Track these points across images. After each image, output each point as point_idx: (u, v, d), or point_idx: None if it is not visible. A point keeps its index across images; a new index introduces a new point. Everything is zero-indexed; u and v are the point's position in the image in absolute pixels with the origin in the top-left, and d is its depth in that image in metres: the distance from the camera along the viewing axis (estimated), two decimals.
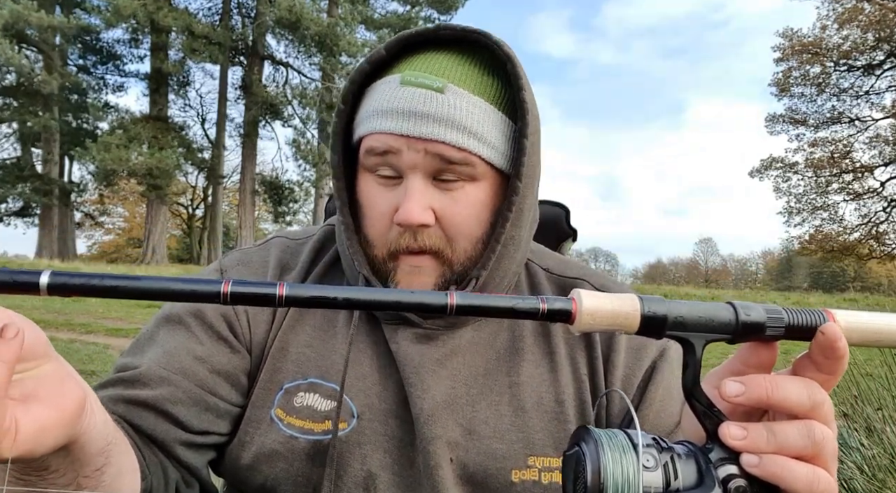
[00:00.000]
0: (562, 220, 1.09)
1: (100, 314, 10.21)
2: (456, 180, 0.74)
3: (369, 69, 0.77)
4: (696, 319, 0.46)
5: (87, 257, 31.45)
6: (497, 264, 0.77)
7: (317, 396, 0.77)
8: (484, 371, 0.80)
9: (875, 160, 24.39)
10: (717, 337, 0.47)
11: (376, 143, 0.73)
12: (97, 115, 25.08)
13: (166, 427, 0.73)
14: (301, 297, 0.43)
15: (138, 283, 0.42)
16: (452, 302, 0.43)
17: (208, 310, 0.80)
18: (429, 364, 0.78)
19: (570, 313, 0.45)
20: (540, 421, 0.78)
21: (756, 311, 0.47)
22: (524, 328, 0.83)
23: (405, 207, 0.72)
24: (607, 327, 0.46)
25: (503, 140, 0.75)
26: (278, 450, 0.76)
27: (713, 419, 0.47)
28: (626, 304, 0.46)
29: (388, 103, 0.72)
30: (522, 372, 0.80)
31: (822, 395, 0.47)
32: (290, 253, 0.87)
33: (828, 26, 23.43)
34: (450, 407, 0.77)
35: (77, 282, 0.42)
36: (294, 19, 22.03)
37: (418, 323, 0.78)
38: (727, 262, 59.62)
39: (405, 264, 0.75)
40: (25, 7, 20.56)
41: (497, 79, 0.76)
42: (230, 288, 0.42)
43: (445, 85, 0.72)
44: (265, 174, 28.65)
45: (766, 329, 0.46)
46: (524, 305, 0.45)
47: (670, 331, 0.46)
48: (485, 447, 0.76)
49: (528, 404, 0.78)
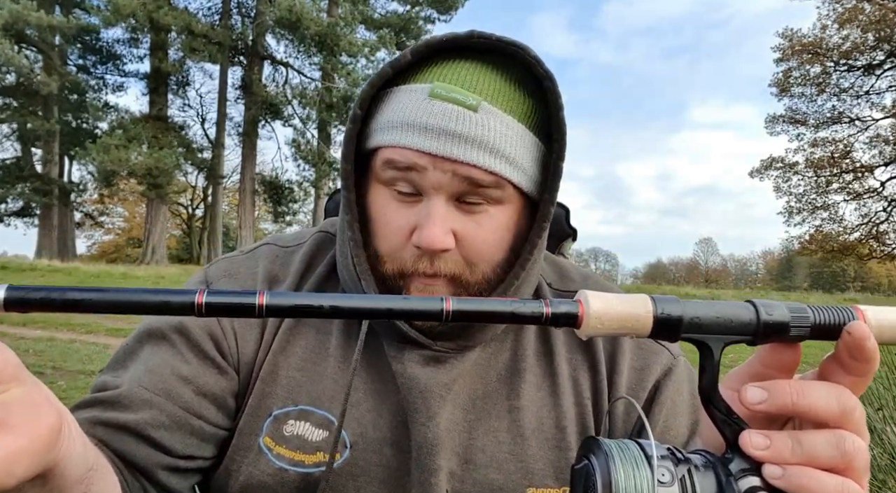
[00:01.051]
0: (562, 220, 1.08)
1: (100, 314, 10.19)
2: (480, 203, 0.69)
3: (393, 75, 0.71)
4: (714, 319, 0.43)
5: (86, 257, 31.45)
6: (517, 289, 0.73)
7: (308, 424, 0.72)
8: (483, 394, 0.75)
9: (875, 160, 24.38)
10: (736, 339, 0.43)
11: (399, 157, 0.68)
12: (97, 115, 25.03)
13: (148, 452, 0.69)
14: (283, 306, 0.39)
15: (104, 295, 0.39)
16: (448, 308, 0.40)
17: (194, 327, 0.74)
18: (436, 389, 0.72)
19: (576, 316, 0.42)
20: (540, 449, 0.74)
21: (779, 310, 0.43)
22: (526, 347, 0.78)
23: (428, 231, 0.66)
24: (617, 330, 0.42)
25: (532, 164, 0.71)
26: (267, 483, 0.71)
27: (733, 426, 0.44)
28: (638, 305, 0.42)
29: (414, 116, 0.67)
30: (523, 395, 0.76)
31: (853, 401, 0.43)
32: (280, 263, 0.81)
33: (828, 26, 23.43)
34: (448, 435, 0.72)
35: (37, 296, 0.38)
36: (294, 19, 22.01)
37: (427, 345, 0.73)
38: (727, 262, 59.62)
39: (418, 283, 0.70)
40: (25, 7, 20.54)
41: (529, 97, 0.71)
42: (205, 298, 0.38)
43: (479, 103, 0.67)
44: (265, 174, 28.63)
45: (791, 329, 0.43)
46: (526, 309, 0.41)
47: (686, 333, 0.43)
48: (482, 478, 0.72)
49: (527, 431, 0.74)
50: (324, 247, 0.83)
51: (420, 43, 0.71)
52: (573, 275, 0.87)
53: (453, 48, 0.71)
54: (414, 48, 0.71)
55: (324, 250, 0.83)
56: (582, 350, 0.80)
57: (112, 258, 33.47)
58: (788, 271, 52.04)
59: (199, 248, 31.52)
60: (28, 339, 8.02)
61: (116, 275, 16.74)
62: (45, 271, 16.82)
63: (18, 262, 19.26)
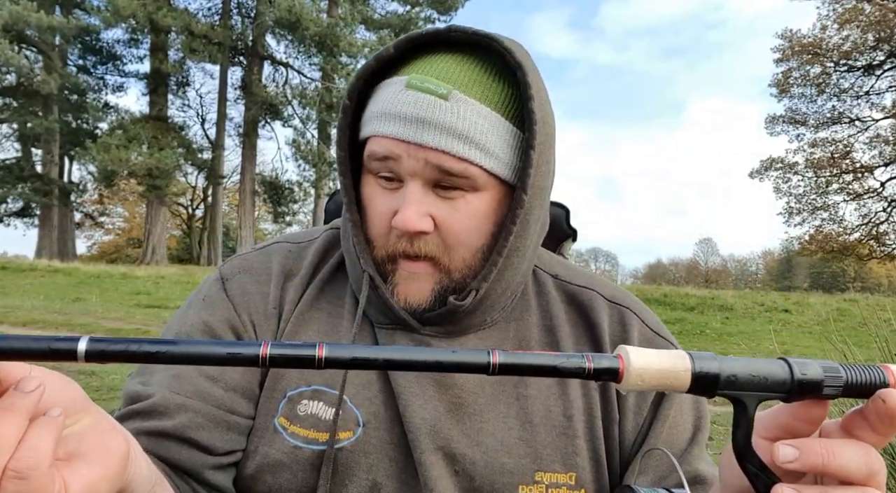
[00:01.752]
0: (562, 220, 1.08)
1: (100, 314, 10.20)
2: (456, 189, 0.72)
3: (376, 67, 0.75)
4: (750, 378, 0.44)
5: (86, 258, 31.45)
6: (499, 276, 0.75)
7: (321, 404, 0.75)
8: (491, 382, 0.78)
9: (875, 160, 24.39)
10: (771, 396, 0.45)
11: (378, 147, 0.72)
12: (97, 115, 25.08)
13: (192, 455, 0.71)
14: (341, 359, 0.42)
15: (178, 348, 0.41)
16: (495, 361, 0.42)
17: (215, 323, 0.78)
18: (427, 378, 0.76)
19: (617, 371, 0.43)
20: (548, 436, 0.76)
21: (812, 368, 0.45)
22: (531, 338, 0.81)
23: (402, 214, 0.70)
24: (656, 386, 0.44)
25: (508, 150, 0.73)
26: (283, 460, 0.74)
27: (765, 480, 0.45)
28: (677, 363, 0.44)
29: (391, 106, 0.71)
30: (530, 384, 0.78)
31: (880, 462, 0.45)
32: (294, 257, 0.85)
33: (828, 27, 23.44)
34: (454, 417, 0.75)
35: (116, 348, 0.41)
36: (294, 19, 22.03)
37: (416, 329, 0.77)
38: (727, 262, 59.64)
39: (403, 269, 0.75)
40: (25, 7, 20.55)
41: (507, 86, 0.74)
42: (269, 351, 0.41)
43: (450, 91, 0.70)
44: (265, 174, 28.63)
45: (824, 389, 0.44)
46: (569, 363, 0.43)
47: (722, 390, 0.44)
48: (492, 461, 0.74)
49: (536, 418, 0.76)
50: (336, 242, 0.87)
51: (402, 38, 0.75)
52: (580, 272, 0.90)
53: (436, 42, 0.75)
54: (396, 42, 0.75)
55: (336, 245, 0.87)
56: (588, 342, 0.82)
57: (112, 258, 33.46)
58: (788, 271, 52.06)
59: (199, 248, 31.51)
60: None
61: (116, 275, 16.74)
62: (45, 272, 16.82)
63: (18, 262, 19.25)
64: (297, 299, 0.81)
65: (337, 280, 0.83)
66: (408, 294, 0.75)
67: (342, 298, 0.82)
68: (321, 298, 0.82)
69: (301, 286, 0.82)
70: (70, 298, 12.33)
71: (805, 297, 15.68)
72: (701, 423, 0.81)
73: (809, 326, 11.37)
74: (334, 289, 0.83)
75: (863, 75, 23.86)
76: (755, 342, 9.47)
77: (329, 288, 0.83)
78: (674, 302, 13.88)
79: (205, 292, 0.82)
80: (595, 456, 0.77)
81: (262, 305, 0.80)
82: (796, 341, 9.77)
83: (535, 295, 0.85)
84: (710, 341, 9.84)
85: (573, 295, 0.85)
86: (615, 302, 0.84)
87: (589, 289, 0.85)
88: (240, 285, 0.82)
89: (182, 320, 0.80)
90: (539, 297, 0.85)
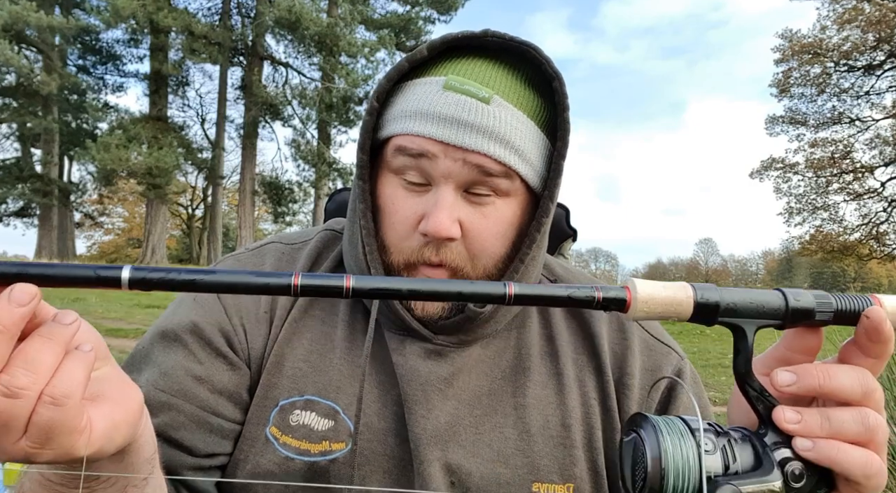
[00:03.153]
0: (562, 220, 1.08)
1: (100, 315, 10.20)
2: (488, 195, 0.71)
3: (408, 68, 0.74)
4: (748, 305, 0.47)
5: (86, 258, 31.44)
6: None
7: (313, 414, 0.74)
8: (489, 391, 0.77)
9: (875, 160, 24.39)
10: (767, 323, 0.47)
11: (411, 144, 0.70)
12: (96, 115, 25.05)
13: (172, 454, 0.71)
14: (366, 288, 0.45)
15: (214, 277, 0.43)
16: (511, 292, 0.45)
17: (205, 325, 0.76)
18: (435, 383, 0.74)
19: (624, 301, 0.46)
20: (545, 446, 0.75)
21: (805, 297, 0.47)
22: (531, 347, 0.80)
23: (435, 218, 0.68)
24: (661, 314, 0.46)
25: (539, 159, 0.73)
26: (274, 471, 0.72)
27: (766, 403, 0.47)
28: (680, 292, 0.46)
29: (428, 106, 0.69)
30: (528, 393, 0.77)
31: (874, 383, 0.47)
32: (287, 259, 0.83)
33: (828, 27, 23.43)
34: (453, 428, 0.74)
35: (156, 277, 0.43)
36: (294, 19, 22.01)
37: (428, 338, 0.75)
38: (727, 262, 59.66)
39: (421, 275, 0.73)
40: (25, 7, 20.54)
41: (538, 95, 0.74)
42: (300, 281, 0.44)
43: (492, 96, 0.69)
44: (265, 174, 28.61)
45: (816, 315, 0.47)
46: (580, 294, 0.45)
47: (722, 317, 0.46)
48: (488, 472, 0.73)
49: (533, 428, 0.75)
50: (330, 244, 0.85)
51: (436, 39, 0.74)
52: (578, 275, 0.89)
53: (467, 46, 0.74)
54: (430, 43, 0.73)
55: (330, 247, 0.85)
56: (587, 352, 0.81)
57: (112, 259, 33.46)
58: (788, 271, 52.07)
59: (199, 248, 31.51)
60: None
61: None
62: None
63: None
64: (288, 304, 0.79)
65: None
66: (425, 303, 0.73)
67: (336, 304, 0.80)
68: (314, 304, 0.80)
69: None
70: (70, 298, 12.32)
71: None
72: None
73: None
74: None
75: (863, 75, 23.85)
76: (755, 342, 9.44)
77: None
78: None
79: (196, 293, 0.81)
80: (593, 467, 0.76)
81: (253, 308, 0.78)
82: None
83: None
84: (711, 341, 9.82)
85: None
86: None
87: None
88: None
89: (171, 317, 0.78)
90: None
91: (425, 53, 0.73)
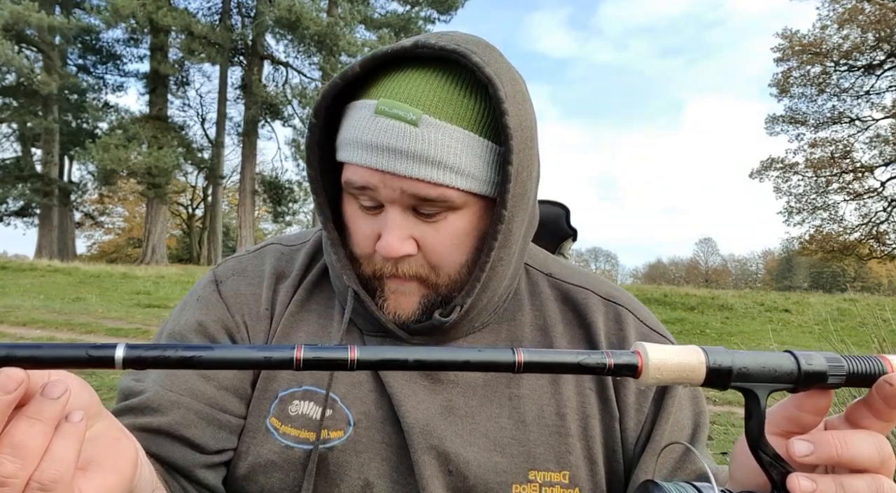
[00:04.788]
0: (562, 220, 1.08)
1: (100, 314, 10.20)
2: (437, 212, 0.72)
3: (342, 85, 0.73)
4: (760, 369, 0.46)
5: (86, 257, 31.44)
6: (483, 288, 0.75)
7: (311, 404, 0.76)
8: (483, 382, 0.78)
9: (875, 160, 24.39)
10: (780, 387, 0.47)
11: (354, 176, 0.71)
12: (96, 115, 25.07)
13: (184, 452, 0.72)
14: (372, 360, 0.44)
15: (213, 353, 0.42)
16: (520, 360, 0.44)
17: (209, 323, 0.79)
18: (419, 379, 0.77)
19: (636, 367, 0.45)
20: (541, 435, 0.76)
21: (817, 360, 0.47)
22: (523, 339, 0.81)
23: (385, 241, 0.71)
24: (673, 380, 0.46)
25: (484, 167, 0.71)
26: (274, 460, 0.74)
27: (780, 469, 0.47)
28: (692, 356, 0.46)
29: (362, 134, 0.70)
30: (523, 385, 0.78)
31: (889, 449, 0.47)
32: (286, 260, 0.86)
33: (828, 26, 23.43)
34: (447, 418, 0.76)
35: (152, 355, 0.42)
36: (293, 19, 22.02)
37: (405, 339, 0.78)
38: (727, 262, 59.65)
39: (390, 284, 0.75)
40: (25, 7, 20.55)
41: (479, 99, 0.71)
42: (302, 354, 0.43)
43: (420, 116, 0.68)
44: (265, 174, 28.64)
45: (828, 378, 0.47)
46: (590, 360, 0.45)
47: (735, 382, 0.46)
48: (485, 460, 0.75)
49: (528, 418, 0.77)
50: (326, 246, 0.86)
51: (367, 55, 0.73)
52: (576, 271, 0.90)
53: (404, 58, 0.72)
54: (362, 60, 0.73)
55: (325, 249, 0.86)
56: (583, 341, 0.82)
57: (112, 258, 33.45)
58: (788, 271, 52.05)
59: (199, 248, 31.52)
60: (28, 339, 8.03)
61: (116, 275, 16.73)
62: (45, 272, 16.82)
63: (18, 262, 19.25)
64: (287, 300, 0.82)
65: (326, 282, 0.84)
66: (397, 308, 0.76)
67: (332, 300, 0.83)
68: (311, 300, 0.83)
69: (292, 288, 0.83)
70: (70, 297, 12.33)
71: (805, 297, 15.68)
72: (700, 420, 0.82)
73: (809, 326, 11.37)
74: (324, 291, 0.83)
75: (863, 75, 23.85)
76: (755, 342, 9.47)
77: (318, 290, 0.83)
78: (674, 302, 13.87)
79: (199, 293, 0.84)
80: (589, 455, 0.77)
81: (254, 306, 0.81)
82: (796, 340, 9.77)
83: (528, 294, 0.85)
84: (711, 340, 9.84)
85: (567, 293, 0.85)
86: (610, 300, 0.84)
87: (583, 288, 0.85)
88: (233, 287, 0.83)
89: (177, 319, 0.82)
90: (532, 296, 0.85)
91: (357, 70, 0.73)
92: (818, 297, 15.93)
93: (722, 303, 13.75)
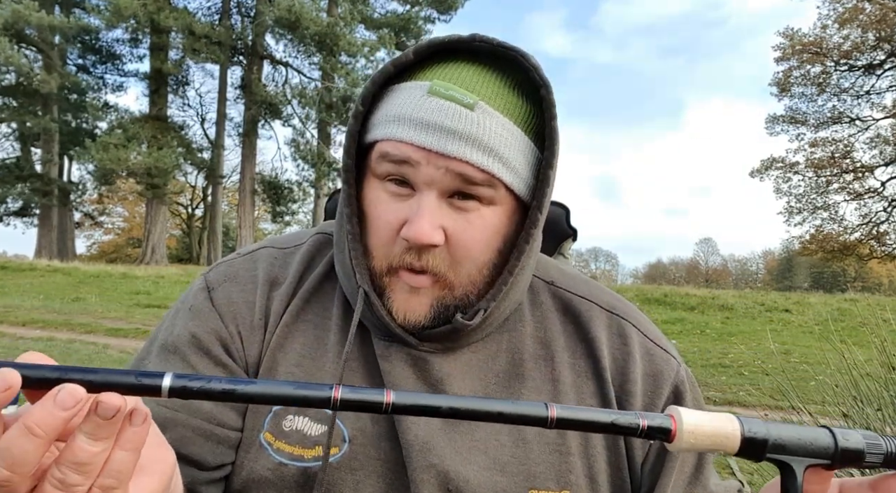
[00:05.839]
0: (562, 220, 1.07)
1: (99, 314, 10.20)
2: (473, 200, 0.70)
3: (393, 72, 0.72)
4: (796, 442, 0.46)
5: (86, 257, 31.45)
6: (507, 294, 0.74)
7: (306, 419, 0.74)
8: (483, 396, 0.76)
9: (875, 160, 24.40)
10: (816, 462, 0.46)
11: (394, 150, 0.69)
12: (96, 114, 25.04)
13: (186, 471, 0.70)
14: (406, 404, 0.44)
15: (254, 387, 0.44)
16: (553, 415, 0.44)
17: (203, 333, 0.76)
18: (422, 389, 0.75)
19: (669, 430, 0.45)
20: (541, 453, 0.74)
21: (854, 437, 0.47)
22: (524, 351, 0.79)
23: (416, 225, 0.67)
24: (708, 447, 0.45)
25: (526, 167, 0.72)
26: (268, 477, 0.72)
27: None
28: (727, 424, 0.46)
29: (412, 111, 0.68)
30: (523, 400, 0.75)
31: None
32: (279, 265, 0.82)
33: (828, 26, 23.44)
34: (447, 435, 0.73)
35: (196, 386, 0.43)
36: (293, 19, 22.01)
37: (413, 345, 0.75)
38: (727, 262, 59.67)
39: (403, 281, 0.72)
40: (26, 7, 20.54)
41: (527, 102, 0.72)
42: (340, 394, 0.44)
43: (476, 102, 0.68)
44: (265, 174, 28.59)
45: (866, 457, 0.46)
46: (623, 421, 0.45)
47: (770, 454, 0.46)
48: (485, 479, 0.72)
49: (528, 435, 0.75)
50: (322, 248, 0.84)
51: (422, 43, 0.72)
52: (579, 280, 0.87)
53: (455, 50, 0.73)
54: (416, 47, 0.72)
55: (322, 251, 0.84)
56: (585, 356, 0.80)
57: (112, 258, 33.45)
58: (789, 271, 52.06)
59: (199, 248, 31.53)
60: (28, 339, 8.02)
61: (116, 275, 16.73)
62: (45, 271, 16.82)
63: (18, 262, 19.26)
64: (281, 310, 0.78)
65: (324, 290, 0.81)
66: (407, 310, 0.72)
67: (329, 309, 0.79)
68: (307, 308, 0.79)
69: (286, 296, 0.79)
70: (70, 297, 12.33)
71: (805, 297, 15.67)
72: None
73: (810, 326, 11.35)
74: (321, 300, 0.80)
75: (863, 75, 23.86)
76: (755, 342, 9.45)
77: (315, 299, 0.80)
78: (674, 302, 13.86)
79: (191, 302, 0.80)
80: (590, 473, 0.75)
81: (248, 315, 0.78)
82: (797, 340, 9.76)
83: (529, 304, 0.82)
84: (711, 340, 9.83)
85: (569, 304, 0.83)
86: (613, 312, 0.82)
87: (585, 299, 0.83)
88: (226, 295, 0.79)
89: (170, 329, 0.78)
90: (533, 306, 0.82)
91: (411, 57, 0.72)
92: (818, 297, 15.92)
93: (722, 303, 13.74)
